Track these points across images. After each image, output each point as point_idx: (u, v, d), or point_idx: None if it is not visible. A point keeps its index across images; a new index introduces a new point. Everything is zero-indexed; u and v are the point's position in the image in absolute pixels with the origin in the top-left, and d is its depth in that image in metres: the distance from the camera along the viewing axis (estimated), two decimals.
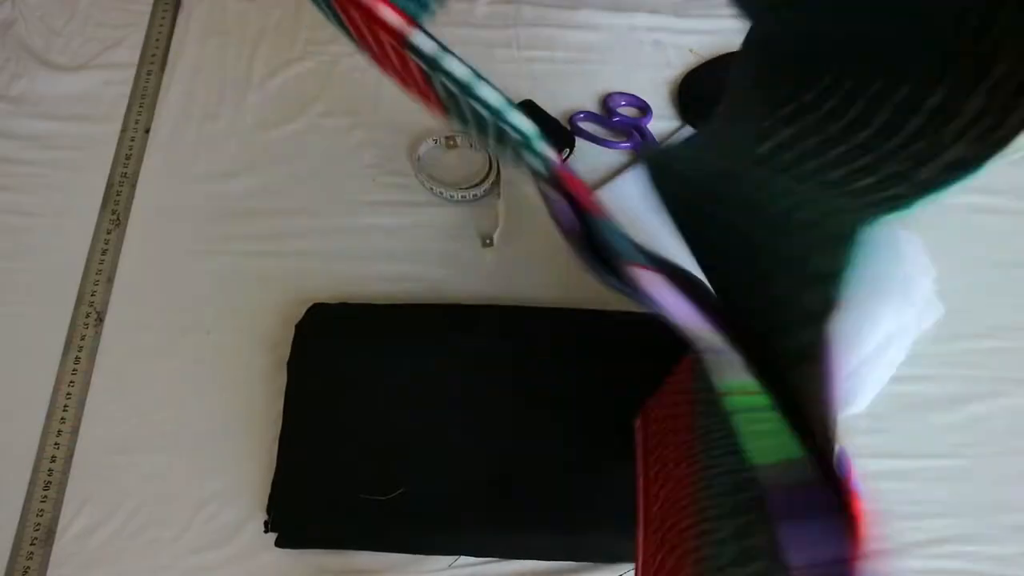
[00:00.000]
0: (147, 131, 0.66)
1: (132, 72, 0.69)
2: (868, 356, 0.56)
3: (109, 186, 0.63)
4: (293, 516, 0.48)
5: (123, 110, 0.67)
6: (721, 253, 0.36)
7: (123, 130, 0.66)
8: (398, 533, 0.47)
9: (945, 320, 0.58)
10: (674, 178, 0.42)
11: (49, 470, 0.50)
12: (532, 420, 0.50)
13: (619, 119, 0.66)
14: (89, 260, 0.60)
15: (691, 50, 0.72)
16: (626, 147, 0.65)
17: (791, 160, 0.33)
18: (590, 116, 0.66)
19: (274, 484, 0.49)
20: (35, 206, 0.62)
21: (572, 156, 0.65)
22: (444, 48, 0.27)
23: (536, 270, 0.59)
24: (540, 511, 0.47)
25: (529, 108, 0.65)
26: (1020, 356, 0.58)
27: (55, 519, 0.48)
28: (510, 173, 0.63)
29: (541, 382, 0.51)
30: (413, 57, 0.27)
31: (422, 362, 0.52)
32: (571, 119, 0.66)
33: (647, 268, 0.29)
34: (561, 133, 0.64)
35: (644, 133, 0.66)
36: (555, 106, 0.66)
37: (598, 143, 0.65)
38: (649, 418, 0.48)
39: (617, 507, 0.47)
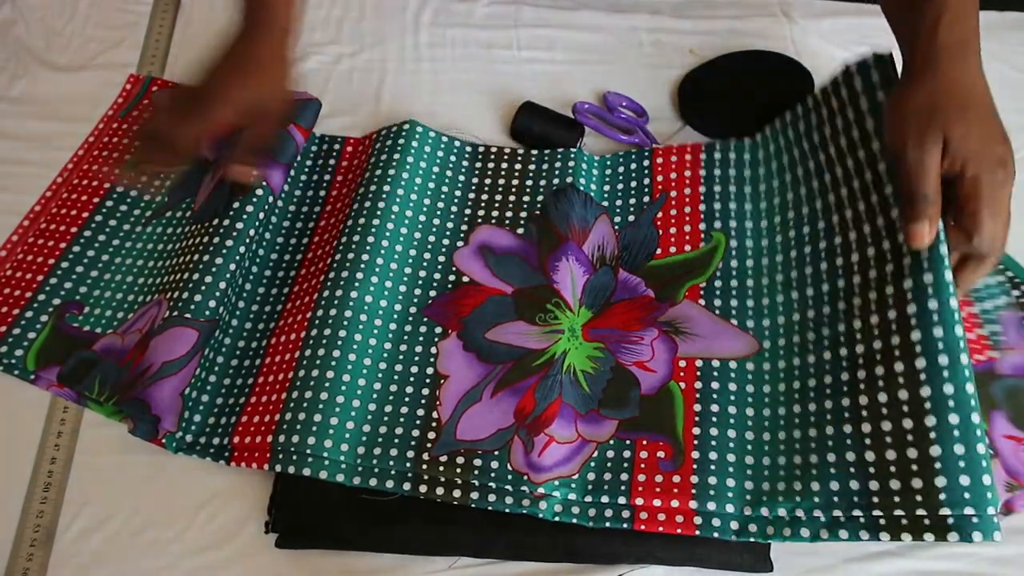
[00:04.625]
0: None
1: (132, 73, 0.69)
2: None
3: None
4: (294, 517, 0.48)
5: None
6: None
7: None
8: (399, 534, 0.47)
9: None
10: None
11: (49, 471, 0.50)
12: None
13: (621, 116, 0.66)
14: None
15: (691, 50, 0.72)
16: (633, 142, 0.65)
17: None
18: (594, 108, 0.66)
19: (274, 484, 0.49)
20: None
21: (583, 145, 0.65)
22: None
23: None
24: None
25: (529, 108, 0.65)
26: None
27: (55, 520, 0.48)
28: None
29: None
30: None
31: None
32: (575, 107, 0.65)
33: None
34: (572, 125, 0.64)
35: (644, 132, 0.66)
36: (555, 107, 0.66)
37: (604, 135, 0.65)
38: None
39: None
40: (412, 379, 0.52)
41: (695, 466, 0.47)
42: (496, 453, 0.48)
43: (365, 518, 0.47)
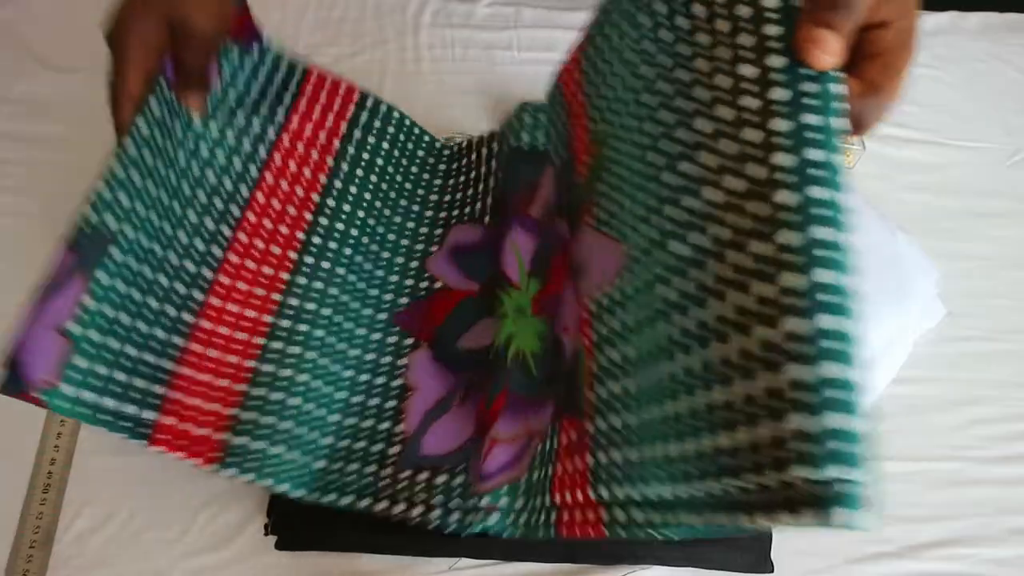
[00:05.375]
0: None
1: None
2: (869, 358, 0.57)
3: None
4: (294, 518, 0.48)
5: None
6: None
7: None
8: (399, 535, 0.47)
9: (946, 322, 0.58)
10: None
11: (48, 472, 0.50)
12: None
13: None
14: None
15: None
16: None
17: None
18: None
19: None
20: (36, 208, 0.61)
21: None
22: None
23: None
24: None
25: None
26: (1021, 359, 0.58)
27: (54, 522, 0.48)
28: None
29: None
30: None
31: None
32: None
33: None
34: None
35: None
36: None
37: None
38: None
39: None
40: (378, 391, 0.48)
41: (590, 442, 0.36)
42: (461, 468, 0.44)
43: (366, 520, 0.47)
